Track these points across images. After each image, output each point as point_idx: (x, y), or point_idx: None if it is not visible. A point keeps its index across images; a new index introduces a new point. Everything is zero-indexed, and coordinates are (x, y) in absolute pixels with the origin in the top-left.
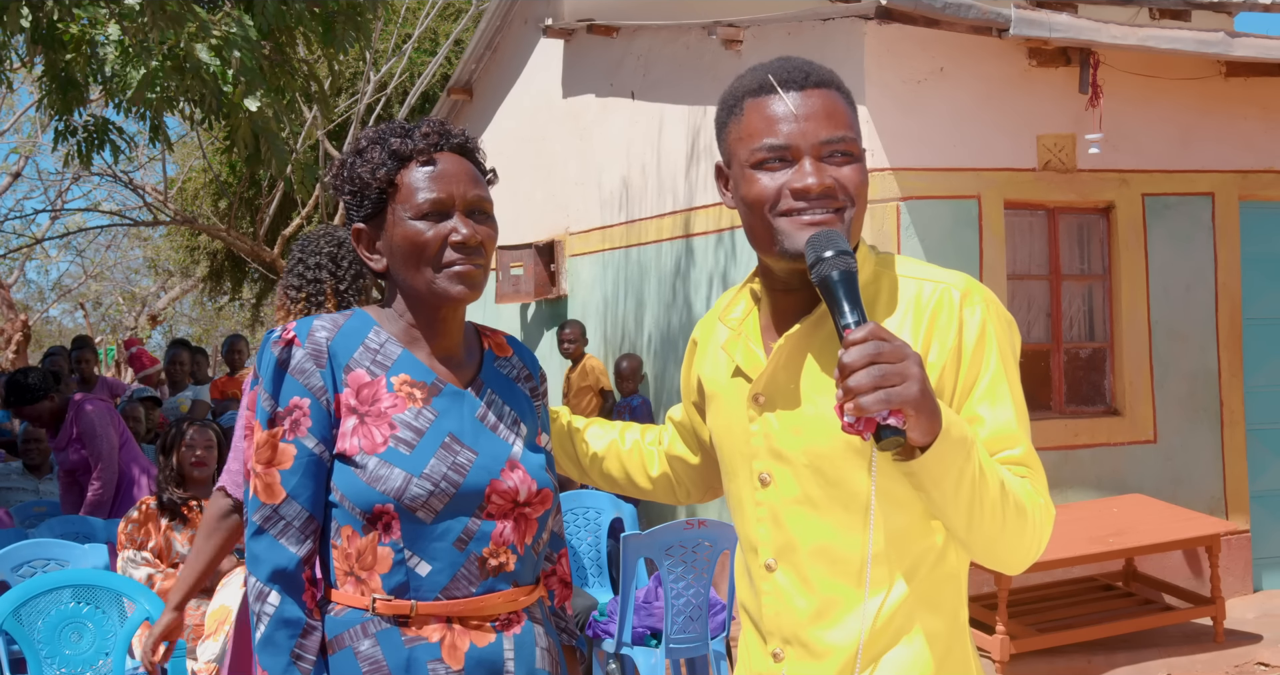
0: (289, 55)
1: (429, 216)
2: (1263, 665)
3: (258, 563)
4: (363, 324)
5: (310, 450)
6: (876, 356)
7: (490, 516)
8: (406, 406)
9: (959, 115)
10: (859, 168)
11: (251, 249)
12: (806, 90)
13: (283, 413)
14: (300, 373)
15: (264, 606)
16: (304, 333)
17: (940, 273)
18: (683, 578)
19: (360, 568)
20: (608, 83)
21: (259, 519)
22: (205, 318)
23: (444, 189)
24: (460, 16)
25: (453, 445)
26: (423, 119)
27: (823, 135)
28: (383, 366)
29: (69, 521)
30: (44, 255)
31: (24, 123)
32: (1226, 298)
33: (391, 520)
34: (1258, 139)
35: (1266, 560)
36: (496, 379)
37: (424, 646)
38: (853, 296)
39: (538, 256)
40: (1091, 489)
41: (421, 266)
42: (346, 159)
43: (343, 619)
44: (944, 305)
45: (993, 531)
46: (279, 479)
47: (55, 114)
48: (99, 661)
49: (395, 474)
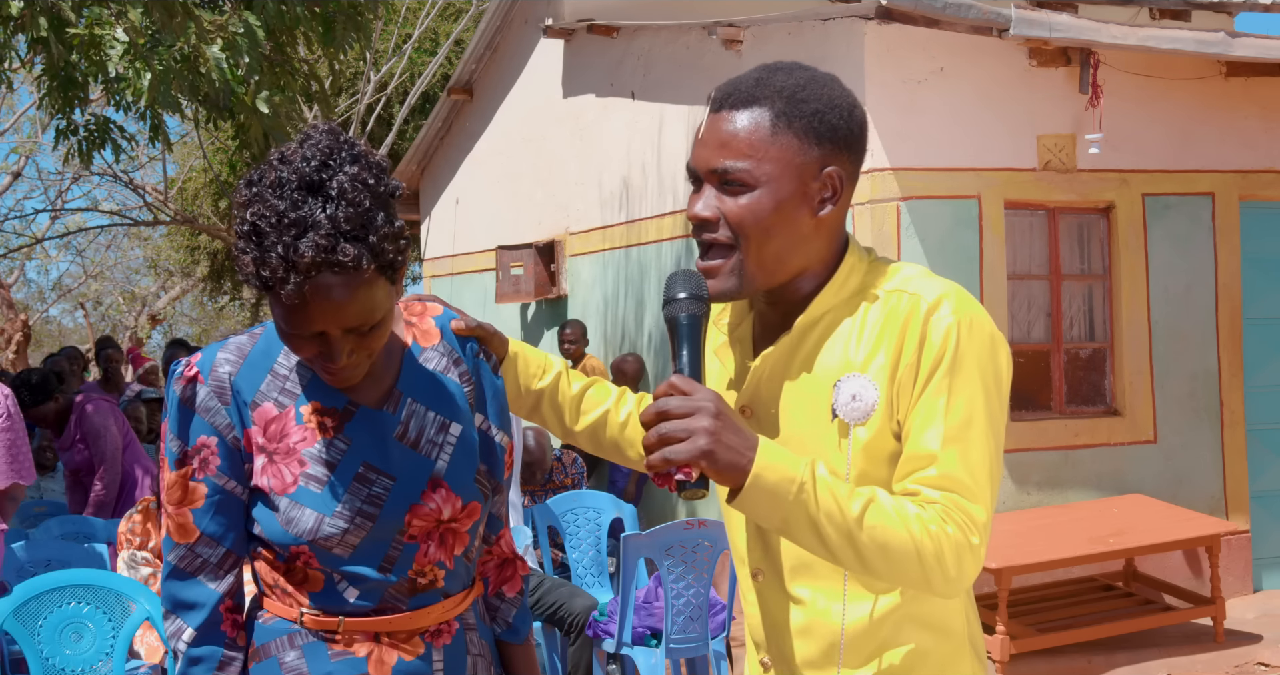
0: (289, 55)
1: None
2: (1263, 665)
3: (173, 601)
4: (271, 346)
5: (220, 487)
6: (665, 412)
7: (412, 539)
8: (317, 439)
9: (959, 115)
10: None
11: None
12: (723, 112)
13: (190, 451)
14: (205, 411)
15: (178, 643)
16: (206, 368)
17: (922, 283)
18: (683, 578)
19: (286, 584)
20: (608, 83)
21: (174, 559)
22: (205, 318)
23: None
24: (460, 16)
25: (367, 475)
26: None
27: (713, 163)
28: (291, 395)
29: (69, 521)
30: (44, 255)
31: (24, 122)
32: (1226, 298)
33: (310, 558)
34: (1258, 139)
35: (1266, 560)
36: (418, 381)
37: (350, 661)
38: (691, 342)
39: (538, 256)
40: (1091, 489)
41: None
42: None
43: (270, 628)
44: (913, 317)
45: (856, 565)
46: (191, 519)
47: (55, 112)
48: (99, 662)
49: (306, 515)
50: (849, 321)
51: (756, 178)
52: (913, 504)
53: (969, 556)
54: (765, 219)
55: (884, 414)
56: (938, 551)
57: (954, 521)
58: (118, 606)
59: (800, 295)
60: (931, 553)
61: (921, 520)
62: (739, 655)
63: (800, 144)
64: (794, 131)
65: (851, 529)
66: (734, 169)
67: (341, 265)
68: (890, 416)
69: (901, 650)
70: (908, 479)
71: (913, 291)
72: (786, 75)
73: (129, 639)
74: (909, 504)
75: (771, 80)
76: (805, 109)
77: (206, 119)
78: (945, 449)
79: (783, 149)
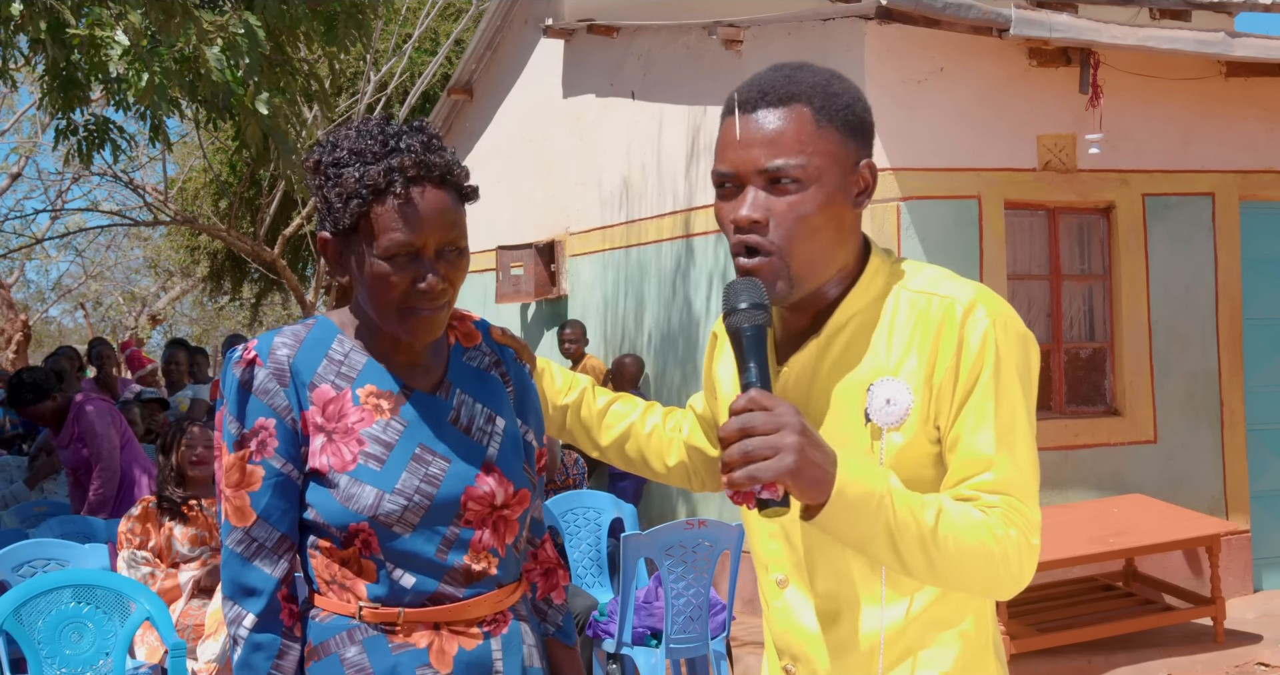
0: (290, 55)
1: (398, 258)
2: (1263, 665)
3: (233, 586)
4: (325, 333)
5: (278, 470)
6: (749, 428)
7: (468, 524)
8: (374, 419)
9: (959, 115)
10: (803, 197)
11: (252, 249)
12: (759, 112)
13: (249, 434)
14: (264, 393)
15: (239, 629)
16: (265, 351)
17: (951, 285)
18: (683, 578)
19: (344, 577)
20: (608, 83)
21: (232, 543)
22: (205, 318)
23: (416, 231)
24: (460, 16)
25: (424, 456)
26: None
27: (761, 162)
28: (347, 379)
29: (69, 521)
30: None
31: (24, 123)
32: (1226, 298)
33: (369, 537)
34: (1258, 139)
35: (1266, 560)
36: (466, 375)
37: (412, 652)
38: (758, 354)
39: (538, 256)
40: (1091, 489)
41: (384, 307)
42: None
43: (328, 625)
44: (948, 322)
45: (927, 575)
46: (249, 501)
47: (56, 113)
48: (99, 661)
49: (367, 492)
50: (878, 324)
51: (809, 173)
52: (975, 509)
53: (1029, 557)
54: (815, 216)
55: (919, 418)
56: (1005, 555)
57: (1015, 525)
58: (118, 606)
59: (828, 299)
60: (1000, 557)
61: (988, 526)
62: (739, 655)
63: (841, 138)
64: (835, 125)
65: (926, 540)
66: (787, 167)
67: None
68: (926, 421)
69: (930, 651)
70: (964, 484)
71: (944, 295)
72: (810, 73)
73: (129, 639)
74: (973, 510)
75: (800, 77)
76: (839, 103)
77: (207, 119)
78: (999, 453)
79: (828, 143)
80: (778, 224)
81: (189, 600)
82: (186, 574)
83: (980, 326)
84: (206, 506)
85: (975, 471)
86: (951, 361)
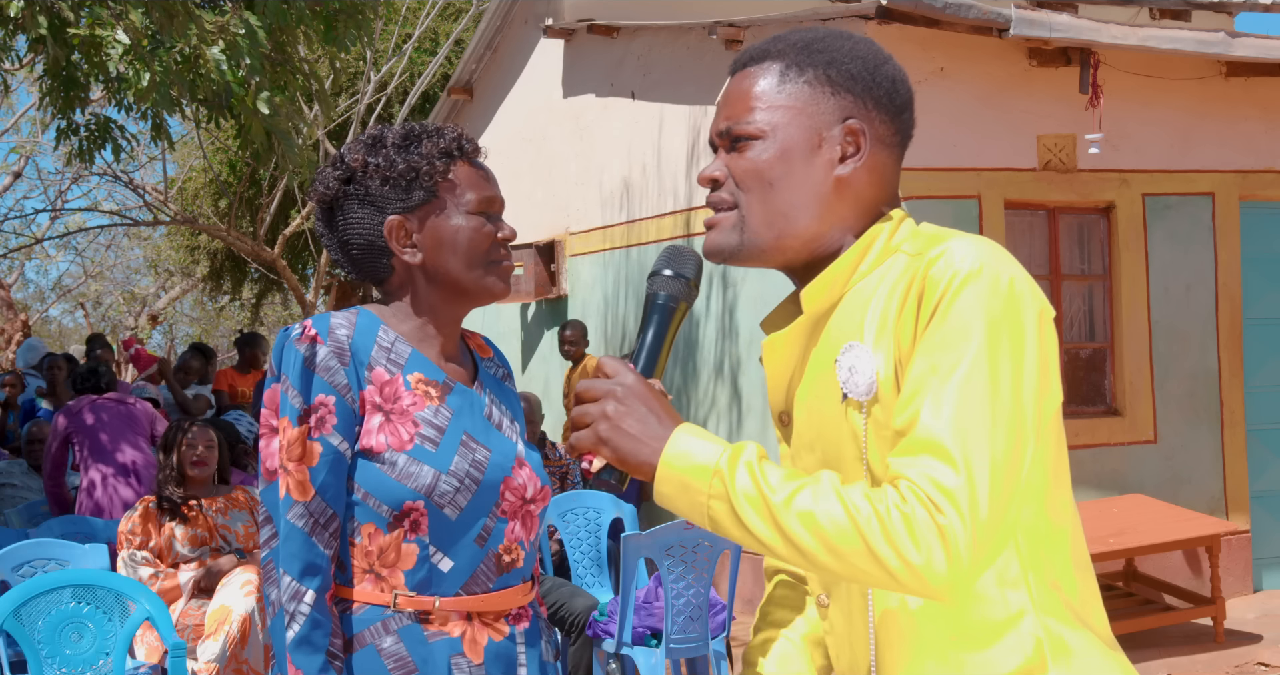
0: (290, 54)
1: (483, 213)
2: (1263, 665)
3: (294, 561)
4: (371, 323)
5: (335, 448)
6: (579, 393)
7: (504, 514)
8: (425, 404)
9: (959, 115)
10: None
11: (252, 249)
12: (735, 75)
13: (309, 410)
14: (325, 370)
15: (300, 605)
16: (324, 330)
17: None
18: (683, 578)
19: (382, 565)
20: (608, 83)
21: (294, 516)
22: (205, 318)
23: (493, 189)
24: (460, 16)
25: (470, 443)
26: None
27: (719, 125)
28: (396, 365)
29: (69, 521)
30: (44, 255)
31: (24, 122)
32: (1226, 298)
33: (420, 517)
34: (1258, 139)
35: (1266, 560)
36: (489, 378)
37: (446, 641)
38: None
39: (538, 256)
40: (1091, 489)
41: (473, 262)
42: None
43: (362, 617)
44: (917, 273)
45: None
46: (309, 476)
47: (56, 113)
48: (99, 661)
49: (425, 471)
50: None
51: (761, 128)
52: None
53: (936, 537)
54: (770, 169)
55: (892, 386)
56: (888, 533)
57: (921, 501)
58: (118, 606)
59: None
60: (881, 535)
61: (870, 499)
62: (739, 655)
63: (812, 91)
64: (805, 80)
65: (778, 515)
66: (737, 126)
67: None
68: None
69: None
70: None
71: (922, 253)
72: (806, 31)
73: (129, 639)
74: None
75: (787, 36)
76: (819, 59)
77: (208, 119)
78: (931, 412)
79: (790, 97)
80: (737, 180)
81: (189, 600)
82: (186, 574)
83: (942, 271)
84: (207, 506)
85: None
86: (912, 317)
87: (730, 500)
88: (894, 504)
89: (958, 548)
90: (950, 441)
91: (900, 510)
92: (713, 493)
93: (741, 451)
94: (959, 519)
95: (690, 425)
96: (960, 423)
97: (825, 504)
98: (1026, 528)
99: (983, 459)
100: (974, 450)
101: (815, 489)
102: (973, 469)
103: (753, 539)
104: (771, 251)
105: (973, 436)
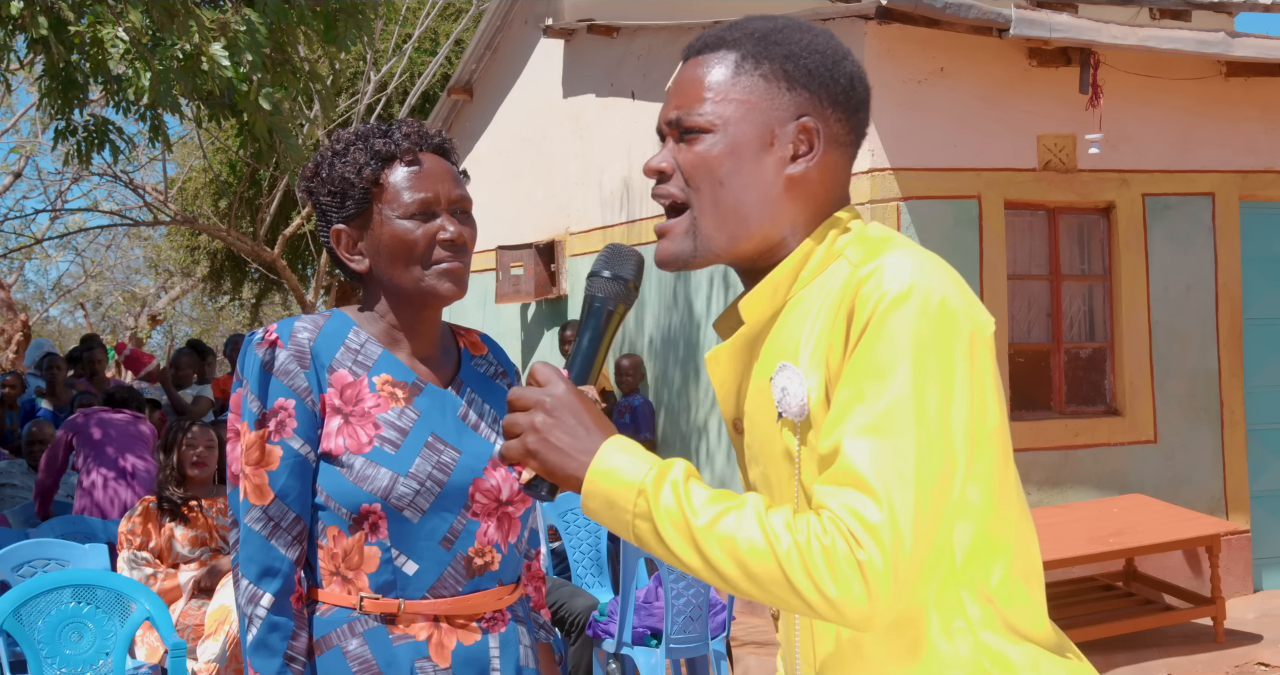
0: (290, 54)
1: (416, 216)
2: (1263, 665)
3: (251, 565)
4: (342, 325)
5: (296, 451)
6: (510, 401)
7: (475, 515)
8: (389, 406)
9: (959, 115)
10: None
11: (252, 249)
12: (688, 61)
13: (269, 414)
14: (284, 374)
15: (256, 609)
16: (286, 334)
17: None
18: (683, 578)
19: (346, 567)
20: (608, 83)
21: (251, 520)
22: (205, 318)
23: (430, 188)
24: (460, 16)
25: (436, 444)
26: (398, 120)
27: (668, 113)
28: (364, 366)
29: (69, 521)
30: (44, 255)
31: (24, 123)
32: (1226, 298)
33: (379, 520)
34: (1258, 139)
35: (1266, 560)
36: (475, 378)
37: (411, 645)
38: (595, 329)
39: (538, 256)
40: (1091, 489)
41: (410, 265)
42: (325, 159)
43: (329, 618)
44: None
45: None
46: (267, 480)
47: (56, 114)
48: (99, 661)
49: (382, 473)
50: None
51: (712, 121)
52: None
53: (855, 573)
54: (719, 165)
55: (823, 408)
56: (807, 565)
57: (842, 533)
58: (118, 606)
59: None
60: (800, 567)
61: (792, 529)
62: (739, 655)
63: (767, 86)
64: (760, 73)
65: (699, 539)
66: (687, 117)
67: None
68: None
69: None
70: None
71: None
72: (764, 20)
73: (129, 639)
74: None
75: (745, 24)
76: (777, 52)
77: (209, 117)
78: (852, 441)
79: (744, 90)
80: (685, 175)
81: (189, 600)
82: (186, 574)
83: (870, 293)
84: (207, 507)
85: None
86: (841, 338)
87: (654, 520)
88: (815, 534)
89: (877, 583)
90: (872, 475)
91: (820, 542)
92: (637, 511)
93: (669, 470)
94: (880, 554)
95: (620, 439)
96: (883, 455)
97: (747, 531)
98: (965, 547)
99: (905, 492)
100: (896, 483)
101: (739, 514)
102: (894, 503)
103: (676, 560)
104: (725, 255)
105: (896, 469)
